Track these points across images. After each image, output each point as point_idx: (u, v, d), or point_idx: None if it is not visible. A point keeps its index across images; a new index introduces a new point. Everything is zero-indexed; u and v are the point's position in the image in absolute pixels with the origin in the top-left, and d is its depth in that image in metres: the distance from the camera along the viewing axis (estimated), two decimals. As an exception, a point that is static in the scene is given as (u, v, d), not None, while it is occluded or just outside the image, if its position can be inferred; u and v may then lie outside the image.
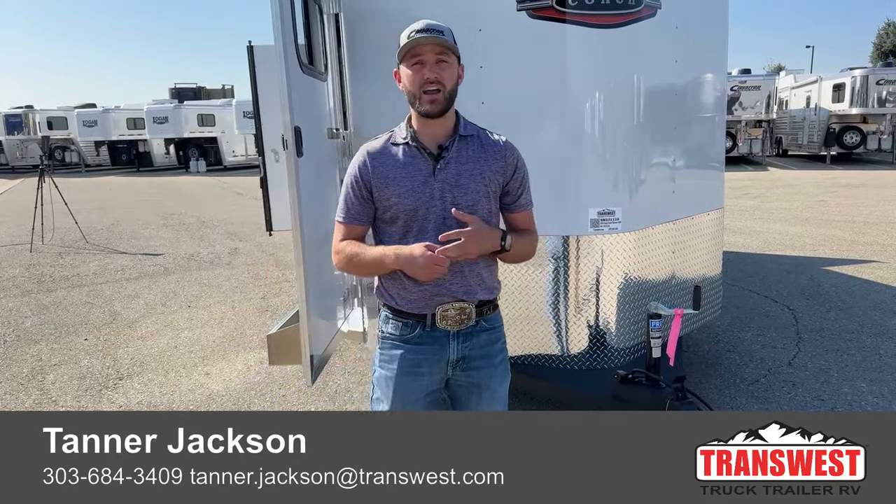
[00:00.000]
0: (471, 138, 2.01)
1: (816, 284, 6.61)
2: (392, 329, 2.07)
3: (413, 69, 1.93)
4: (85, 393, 4.51)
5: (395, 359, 2.06)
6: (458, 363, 2.05)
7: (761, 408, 3.90)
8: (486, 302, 2.05)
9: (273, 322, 5.93)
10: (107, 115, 31.02)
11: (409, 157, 1.99)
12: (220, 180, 24.08)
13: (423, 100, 1.91)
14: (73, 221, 11.07)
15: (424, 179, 1.96)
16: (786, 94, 25.61)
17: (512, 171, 2.02)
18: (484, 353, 2.07)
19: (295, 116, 2.89)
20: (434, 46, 1.91)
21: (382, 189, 1.98)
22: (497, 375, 2.12)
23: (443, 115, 1.96)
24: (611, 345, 3.44)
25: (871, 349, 4.77)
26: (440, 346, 2.03)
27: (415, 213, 1.97)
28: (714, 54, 3.93)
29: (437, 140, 1.99)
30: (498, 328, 2.13)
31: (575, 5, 3.12)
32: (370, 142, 2.08)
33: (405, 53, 1.94)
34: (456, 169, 1.97)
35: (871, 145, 22.26)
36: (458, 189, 1.96)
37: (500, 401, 2.14)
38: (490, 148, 2.01)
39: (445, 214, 1.95)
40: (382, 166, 2.00)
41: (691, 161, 3.85)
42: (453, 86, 1.95)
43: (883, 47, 38.20)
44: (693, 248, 3.86)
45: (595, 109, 3.30)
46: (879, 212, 11.45)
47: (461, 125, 2.02)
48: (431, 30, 1.91)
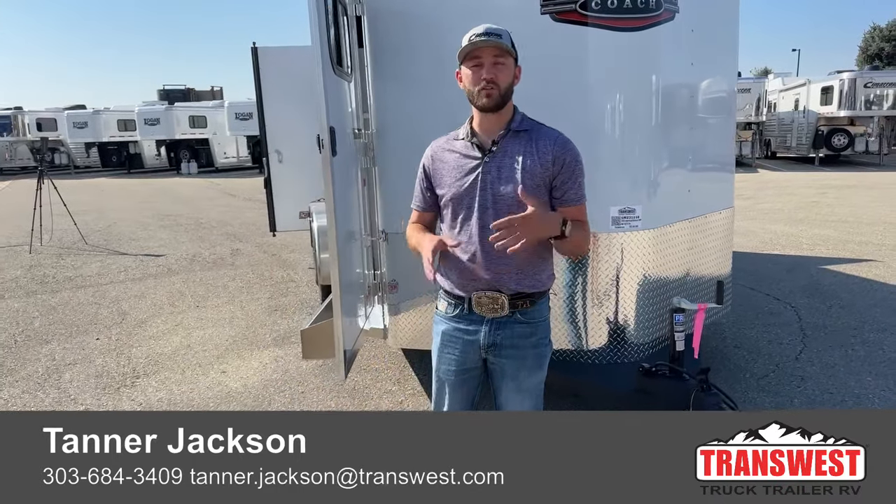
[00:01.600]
0: (524, 133, 2.11)
1: (816, 283, 6.75)
2: (442, 306, 2.27)
3: (472, 70, 2.05)
4: (104, 391, 4.54)
5: (439, 333, 2.27)
6: (489, 348, 2.18)
7: (773, 401, 4.01)
8: (522, 294, 2.14)
9: (282, 320, 5.99)
10: (97, 117, 30.79)
11: (465, 150, 2.14)
12: (212, 182, 24.00)
13: (480, 95, 2.04)
14: (72, 223, 11.03)
15: (471, 171, 2.11)
16: (774, 97, 25.89)
17: (560, 165, 2.09)
18: (514, 343, 2.17)
19: (330, 117, 2.94)
20: (492, 49, 2.02)
21: (437, 180, 2.19)
22: (525, 368, 2.20)
23: (498, 110, 2.08)
24: (630, 339, 3.53)
25: (874, 345, 4.90)
26: (475, 329, 2.18)
27: (459, 201, 2.12)
28: (726, 57, 4.04)
29: (492, 135, 2.12)
30: (535, 323, 2.20)
31: (598, 9, 3.21)
32: (438, 138, 2.26)
33: (465, 55, 2.05)
34: (502, 162, 2.09)
35: (858, 147, 22.55)
36: (500, 181, 2.08)
37: (526, 392, 2.22)
38: (542, 142, 2.10)
39: (487, 204, 2.08)
40: (440, 161, 2.18)
41: (705, 161, 3.96)
42: (508, 85, 2.07)
43: (868, 50, 38.73)
44: (707, 245, 3.96)
45: (616, 110, 3.39)
46: (871, 212, 11.65)
47: (515, 121, 2.12)
48: (490, 34, 2.02)
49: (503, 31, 2.06)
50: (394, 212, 3.72)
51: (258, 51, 7.67)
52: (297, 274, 8.00)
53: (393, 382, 4.48)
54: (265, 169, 7.97)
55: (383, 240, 3.79)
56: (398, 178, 3.73)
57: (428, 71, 3.52)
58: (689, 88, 3.69)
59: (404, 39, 3.57)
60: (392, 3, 3.55)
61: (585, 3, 3.21)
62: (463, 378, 2.25)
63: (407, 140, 3.68)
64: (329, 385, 4.46)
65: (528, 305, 2.16)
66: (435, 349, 2.30)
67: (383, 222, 3.79)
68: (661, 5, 3.29)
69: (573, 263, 3.46)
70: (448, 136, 2.23)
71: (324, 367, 4.76)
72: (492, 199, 2.08)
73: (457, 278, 2.16)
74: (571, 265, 3.47)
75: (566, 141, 2.13)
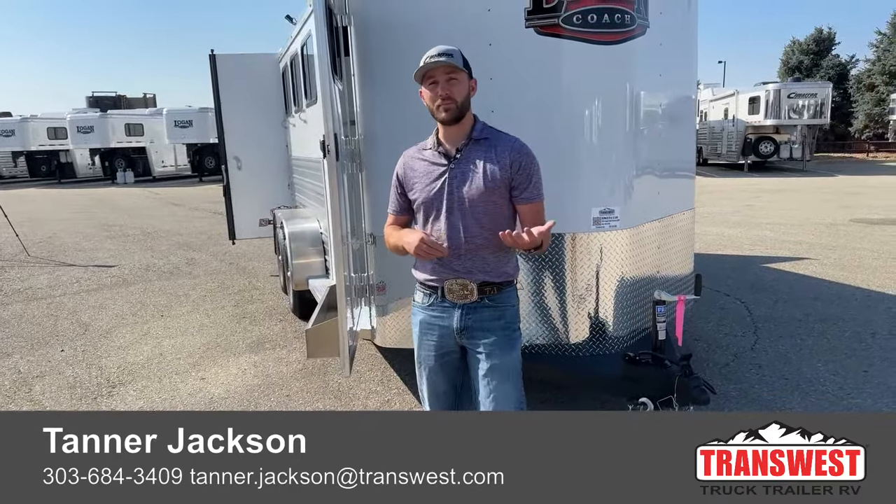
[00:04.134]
0: (484, 141, 2.36)
1: (760, 279, 7.21)
2: (418, 297, 2.51)
3: (430, 88, 2.30)
4: (80, 401, 4.47)
5: (417, 323, 2.48)
6: (462, 332, 2.39)
7: (736, 388, 4.32)
8: (489, 283, 2.37)
9: (253, 327, 6.00)
10: (25, 125, 29.46)
11: (433, 159, 2.39)
12: (151, 191, 23.36)
13: (440, 110, 2.28)
14: (12, 234, 10.61)
15: (438, 177, 2.35)
16: (705, 107, 27.14)
17: (517, 167, 2.32)
18: (485, 326, 2.38)
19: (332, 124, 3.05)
20: (444, 68, 2.26)
21: (408, 186, 2.43)
22: (497, 347, 2.37)
23: (457, 122, 2.32)
24: (610, 332, 3.75)
25: (819, 334, 5.31)
26: (448, 315, 2.40)
27: (430, 204, 2.36)
28: (688, 69, 4.35)
29: (456, 143, 2.37)
30: (503, 307, 2.41)
31: (578, 23, 3.44)
32: (409, 149, 2.49)
33: (422, 76, 2.30)
34: (465, 168, 2.33)
35: (783, 154, 23.98)
36: (464, 185, 2.32)
37: (503, 371, 2.38)
38: (500, 148, 2.34)
39: (453, 205, 2.32)
40: (411, 168, 2.43)
41: (671, 165, 4.24)
42: (464, 98, 2.31)
43: (789, 63, 40.96)
44: (673, 244, 4.24)
45: (594, 117, 3.62)
46: (800, 214, 12.43)
47: (476, 130, 2.36)
48: (442, 54, 2.27)
49: (454, 51, 2.30)
50: (381, 215, 3.82)
51: (216, 58, 7.64)
52: (259, 282, 7.97)
53: (377, 383, 4.58)
54: (224, 176, 7.93)
55: (371, 243, 3.90)
56: (385, 183, 3.85)
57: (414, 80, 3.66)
58: (657, 98, 3.96)
59: (391, 49, 3.71)
60: (379, 14, 3.68)
61: (567, 18, 3.43)
62: (442, 362, 2.46)
63: (393, 146, 3.77)
64: (314, 387, 4.53)
65: (494, 291, 2.39)
66: (415, 338, 2.51)
67: (370, 225, 3.90)
68: (635, 20, 3.54)
69: (553, 263, 3.67)
70: (418, 147, 2.48)
71: (305, 371, 4.82)
72: (458, 201, 2.32)
73: (430, 270, 2.40)
74: (552, 265, 3.67)
75: (522, 145, 2.37)
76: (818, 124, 24.31)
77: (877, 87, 36.80)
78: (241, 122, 7.65)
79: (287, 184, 7.65)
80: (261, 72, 7.47)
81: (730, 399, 4.15)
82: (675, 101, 4.20)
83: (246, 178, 7.85)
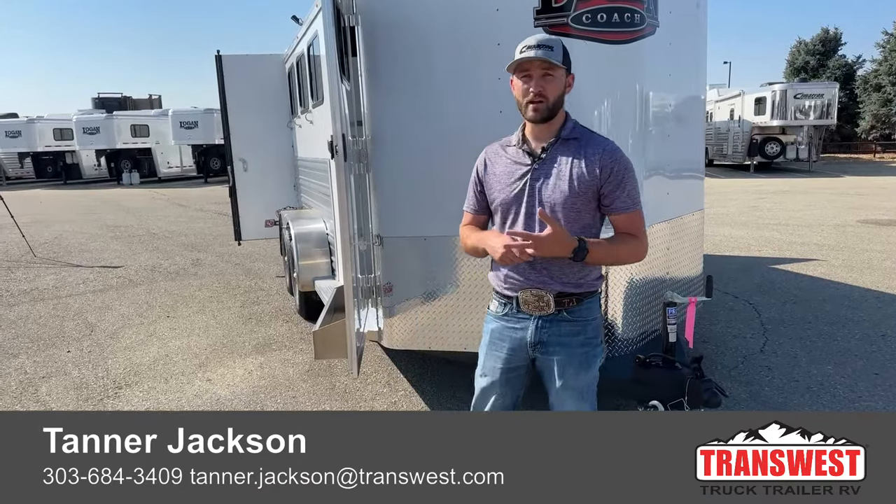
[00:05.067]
0: (573, 141, 2.16)
1: (768, 281, 7.16)
2: (493, 306, 2.33)
3: (522, 80, 2.12)
4: (86, 402, 4.46)
5: (488, 331, 2.33)
6: (536, 346, 2.24)
7: (746, 390, 4.28)
8: (567, 294, 2.18)
9: (260, 328, 5.98)
10: (31, 126, 29.56)
11: (516, 157, 2.22)
12: (157, 192, 23.42)
13: (528, 108, 2.12)
14: (19, 234, 10.63)
15: (520, 177, 2.18)
16: (711, 107, 27.03)
17: (608, 173, 2.11)
18: (562, 341, 2.21)
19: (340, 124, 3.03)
20: (541, 62, 2.08)
21: (488, 185, 2.26)
22: (571, 366, 2.21)
23: (545, 122, 2.14)
24: (619, 334, 3.72)
25: (829, 336, 5.26)
26: (522, 327, 2.24)
27: (508, 206, 2.20)
28: (697, 69, 4.31)
29: (542, 142, 2.18)
30: (582, 322, 2.22)
31: (588, 22, 3.41)
32: (491, 144, 2.33)
33: (515, 67, 2.12)
34: (549, 168, 2.15)
35: (789, 155, 23.89)
36: (545, 187, 2.14)
37: (574, 390, 2.24)
38: (590, 150, 2.14)
39: (531, 210, 2.14)
40: (492, 165, 2.26)
41: (680, 166, 4.21)
42: (557, 97, 2.12)
43: (795, 63, 40.80)
44: (683, 245, 4.20)
45: (603, 117, 3.59)
46: (808, 215, 12.36)
47: (566, 129, 2.18)
48: (540, 46, 2.08)
49: (555, 42, 2.11)
50: (388, 216, 3.83)
51: (223, 59, 7.64)
52: (265, 283, 7.95)
53: (383, 385, 4.56)
54: (230, 177, 7.93)
55: (378, 244, 3.88)
56: (392, 184, 3.84)
57: (422, 79, 3.64)
58: (666, 98, 3.93)
59: (399, 49, 3.69)
60: (387, 14, 3.66)
61: (576, 17, 3.40)
62: (508, 377, 2.30)
63: (401, 147, 3.80)
64: (320, 389, 4.51)
65: (574, 304, 2.19)
66: (483, 347, 2.36)
67: (378, 227, 3.88)
68: (645, 20, 3.51)
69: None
70: (501, 142, 2.30)
71: (311, 372, 4.80)
72: (539, 204, 2.13)
73: (505, 278, 2.24)
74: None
75: (615, 149, 2.16)
76: (824, 125, 24.22)
77: (883, 87, 36.61)
78: (247, 123, 7.64)
79: (293, 185, 7.64)
80: (266, 73, 7.47)
81: (740, 402, 4.11)
82: (684, 102, 4.17)
83: (252, 178, 7.85)
